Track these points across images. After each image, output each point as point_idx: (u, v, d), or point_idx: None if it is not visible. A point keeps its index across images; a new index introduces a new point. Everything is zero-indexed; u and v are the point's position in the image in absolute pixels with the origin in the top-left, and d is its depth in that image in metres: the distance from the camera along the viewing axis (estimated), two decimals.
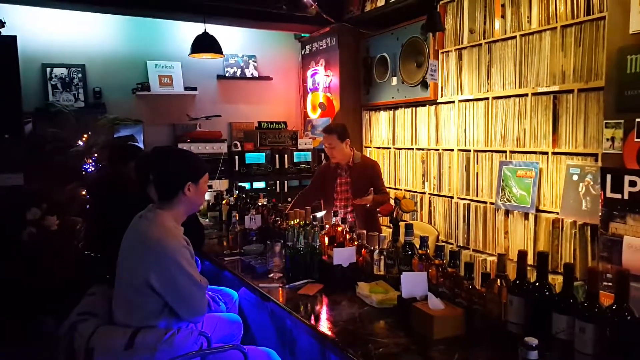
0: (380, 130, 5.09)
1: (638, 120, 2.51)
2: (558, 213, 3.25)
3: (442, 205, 4.27)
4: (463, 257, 3.86)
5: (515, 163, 3.55)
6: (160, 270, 1.93)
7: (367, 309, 2.03)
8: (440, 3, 4.08)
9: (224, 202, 3.94)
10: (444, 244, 3.85)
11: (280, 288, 2.35)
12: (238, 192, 4.01)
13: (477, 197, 3.92)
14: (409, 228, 2.11)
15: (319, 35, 5.47)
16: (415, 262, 2.03)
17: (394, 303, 1.97)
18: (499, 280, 1.68)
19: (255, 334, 2.71)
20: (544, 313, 1.54)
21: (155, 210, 2.06)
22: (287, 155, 5.22)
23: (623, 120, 2.58)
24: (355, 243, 2.41)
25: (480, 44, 3.80)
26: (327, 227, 2.63)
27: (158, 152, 2.17)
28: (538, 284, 1.60)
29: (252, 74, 5.73)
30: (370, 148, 5.25)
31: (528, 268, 1.69)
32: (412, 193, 4.56)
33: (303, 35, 5.80)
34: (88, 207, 4.02)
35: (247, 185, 4.93)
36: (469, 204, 3.97)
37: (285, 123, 5.46)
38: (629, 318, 1.35)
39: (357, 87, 5.28)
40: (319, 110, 5.52)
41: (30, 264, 3.58)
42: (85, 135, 4.42)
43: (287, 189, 5.29)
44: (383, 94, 4.92)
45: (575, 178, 3.11)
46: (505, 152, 3.64)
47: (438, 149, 4.30)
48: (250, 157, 5.09)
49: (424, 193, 4.47)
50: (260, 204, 3.51)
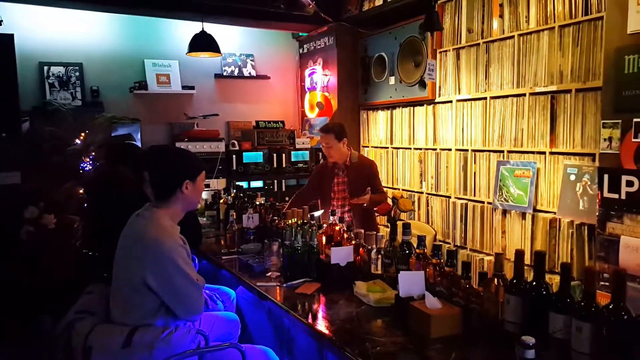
0: (378, 130, 5.09)
1: (635, 121, 2.52)
2: (555, 213, 3.26)
3: (439, 205, 4.28)
4: (460, 256, 3.86)
5: (513, 163, 3.55)
6: (157, 270, 1.93)
7: (364, 308, 2.03)
8: (439, 2, 4.07)
9: (222, 201, 3.94)
10: (442, 244, 3.90)
11: (278, 287, 2.35)
12: (236, 191, 4.01)
13: (474, 196, 3.92)
14: (407, 227, 2.11)
15: (317, 35, 5.47)
16: (413, 261, 2.03)
17: (392, 302, 1.98)
18: (496, 280, 1.68)
19: (253, 333, 2.71)
20: (541, 312, 1.54)
21: (152, 209, 2.06)
22: (284, 155, 5.22)
23: (620, 121, 2.59)
24: (353, 242, 2.41)
25: (478, 44, 3.81)
26: (324, 226, 2.63)
27: (155, 150, 2.17)
28: (535, 284, 1.60)
29: (249, 73, 5.72)
30: (368, 147, 5.25)
31: (525, 267, 1.69)
32: (409, 192, 4.57)
33: (301, 35, 5.79)
34: (85, 205, 4.01)
35: (244, 184, 4.93)
36: (467, 204, 3.98)
37: (283, 122, 5.45)
38: (626, 317, 1.36)
39: (355, 86, 5.28)
40: (317, 110, 5.52)
41: (29, 264, 3.57)
42: (83, 134, 4.41)
43: (284, 188, 5.30)
44: (381, 94, 4.92)
45: (573, 178, 3.11)
46: (503, 151, 3.65)
47: (436, 149, 4.30)
48: (248, 156, 5.09)
49: (422, 192, 4.47)
50: (258, 203, 3.50)
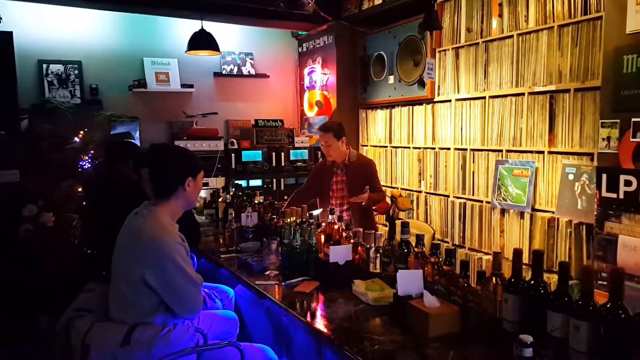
0: (377, 129, 5.10)
1: (634, 120, 2.52)
2: (554, 212, 3.26)
3: (438, 204, 4.28)
4: (459, 255, 3.86)
5: (512, 162, 3.56)
6: (156, 268, 1.93)
7: (363, 307, 2.03)
8: (438, 1, 4.07)
9: (221, 199, 3.94)
10: (440, 242, 3.89)
11: (277, 285, 2.35)
12: (234, 189, 4.01)
13: (473, 195, 3.93)
14: (405, 226, 2.12)
15: (316, 33, 5.47)
16: (411, 260, 2.03)
17: (390, 301, 1.98)
18: (495, 279, 1.68)
19: (252, 331, 2.71)
20: (539, 311, 1.54)
21: (151, 207, 2.06)
22: (283, 153, 5.23)
23: (619, 120, 2.59)
24: (352, 241, 2.42)
25: (478, 43, 3.81)
26: (323, 225, 2.63)
27: (157, 148, 2.18)
28: (533, 282, 1.60)
29: (249, 72, 5.71)
30: (367, 146, 5.25)
31: (523, 266, 1.69)
32: (408, 191, 4.57)
33: (300, 33, 5.79)
34: (84, 203, 4.01)
35: (243, 183, 4.93)
36: (465, 203, 3.98)
37: (282, 121, 5.46)
38: (623, 316, 1.36)
39: (354, 85, 5.28)
40: (316, 109, 5.52)
41: (28, 262, 3.57)
42: (82, 132, 4.41)
43: (283, 187, 5.30)
44: (380, 93, 4.92)
45: (571, 177, 3.12)
46: (502, 151, 3.65)
47: (434, 148, 4.31)
48: (247, 154, 5.10)
49: (420, 191, 4.48)
50: (257, 202, 3.50)
